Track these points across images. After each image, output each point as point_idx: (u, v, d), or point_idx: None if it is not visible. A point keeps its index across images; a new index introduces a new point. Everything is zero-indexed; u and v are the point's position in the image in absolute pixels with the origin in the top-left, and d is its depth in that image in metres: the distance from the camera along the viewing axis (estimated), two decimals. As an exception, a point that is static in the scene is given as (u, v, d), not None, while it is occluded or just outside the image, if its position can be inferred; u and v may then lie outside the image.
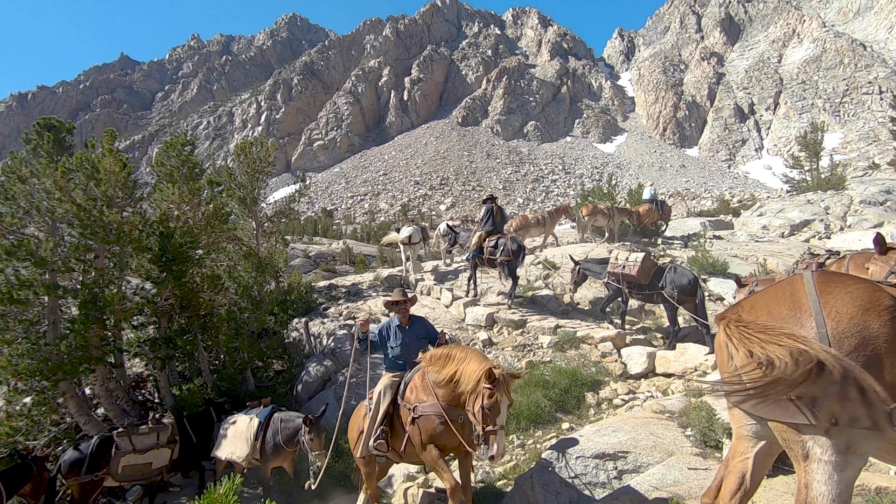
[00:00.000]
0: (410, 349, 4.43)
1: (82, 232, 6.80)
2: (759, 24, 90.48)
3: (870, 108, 62.14)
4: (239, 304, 8.34)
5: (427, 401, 3.78)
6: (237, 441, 5.78)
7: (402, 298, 4.66)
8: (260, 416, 5.89)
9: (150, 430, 6.21)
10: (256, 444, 5.63)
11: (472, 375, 3.41)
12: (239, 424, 5.94)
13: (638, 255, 7.71)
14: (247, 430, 5.78)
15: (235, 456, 5.70)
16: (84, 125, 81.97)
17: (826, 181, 19.23)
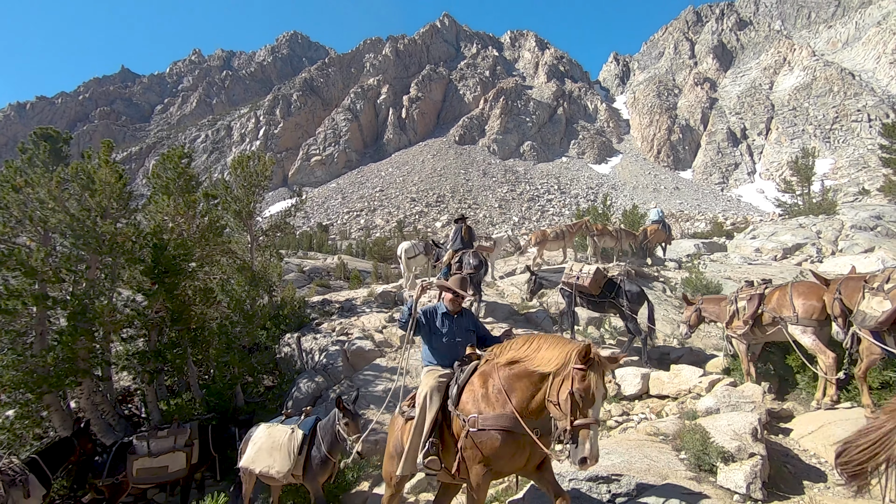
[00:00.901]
0: (458, 342, 3.83)
1: (74, 242, 6.75)
2: (750, 52, 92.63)
3: (859, 135, 63.36)
4: (231, 318, 8.25)
5: (490, 411, 3.07)
6: (276, 454, 5.18)
7: (459, 290, 3.92)
8: (303, 426, 5.30)
9: (168, 434, 6.10)
10: (300, 458, 5.05)
11: (559, 355, 2.85)
12: (277, 436, 5.32)
13: (591, 267, 8.19)
14: (288, 442, 5.17)
15: (273, 471, 5.12)
16: (82, 136, 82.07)
17: (817, 206, 19.48)
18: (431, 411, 3.40)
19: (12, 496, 5.42)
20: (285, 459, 5.07)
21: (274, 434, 5.36)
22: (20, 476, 5.51)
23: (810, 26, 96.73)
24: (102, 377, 7.84)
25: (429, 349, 3.91)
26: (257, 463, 5.28)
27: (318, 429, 5.17)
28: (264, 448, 5.32)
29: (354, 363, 8.85)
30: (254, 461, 5.31)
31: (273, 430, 5.42)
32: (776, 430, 5.00)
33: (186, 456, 6.12)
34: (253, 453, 5.37)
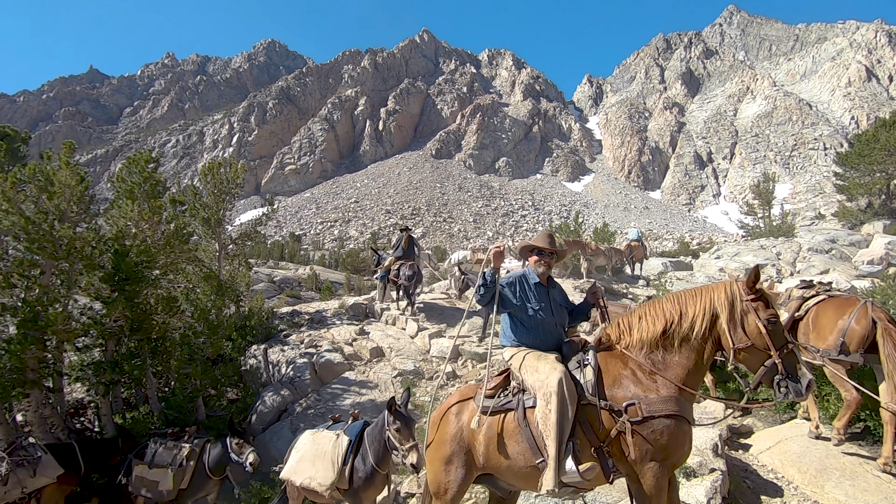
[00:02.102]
0: (555, 319, 3.23)
1: (28, 246, 6.44)
2: (716, 80, 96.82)
3: (816, 162, 66.72)
4: (195, 328, 7.98)
5: (651, 395, 2.60)
6: (318, 464, 4.48)
7: (548, 247, 3.30)
8: (349, 432, 4.63)
9: (173, 447, 5.52)
10: (345, 469, 4.34)
11: (709, 301, 2.57)
12: (321, 443, 4.66)
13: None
14: (333, 450, 4.48)
15: (315, 483, 4.41)
16: (44, 136, 78.98)
17: (777, 228, 20.32)
18: (571, 404, 2.70)
19: (18, 475, 5.30)
20: (328, 470, 4.38)
21: (318, 441, 4.72)
22: (31, 457, 5.40)
23: (771, 58, 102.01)
24: (53, 388, 7.44)
25: (516, 327, 3.27)
26: (298, 474, 4.62)
27: (366, 436, 4.49)
28: (307, 457, 4.66)
29: (322, 376, 8.68)
30: (295, 471, 4.68)
31: (317, 437, 4.79)
32: (736, 445, 5.12)
33: (175, 479, 5.36)
34: (295, 462, 4.73)
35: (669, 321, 2.69)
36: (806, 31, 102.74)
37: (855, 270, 13.96)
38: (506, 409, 2.98)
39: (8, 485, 5.29)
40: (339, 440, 4.53)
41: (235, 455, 5.20)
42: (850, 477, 3.95)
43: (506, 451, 2.90)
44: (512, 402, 2.97)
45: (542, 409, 2.73)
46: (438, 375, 8.35)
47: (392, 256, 10.99)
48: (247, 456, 5.16)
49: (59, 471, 5.49)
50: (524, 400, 2.91)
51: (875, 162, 18.53)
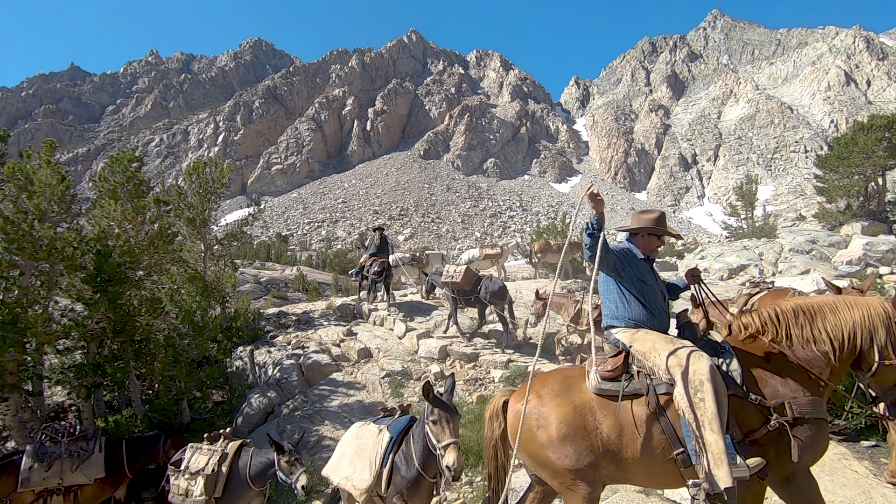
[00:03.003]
0: (665, 298, 3.10)
1: (7, 247, 6.30)
2: (700, 83, 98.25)
3: (797, 164, 68.04)
4: (179, 330, 7.88)
5: (799, 396, 2.52)
6: (358, 462, 3.77)
7: (660, 228, 3.10)
8: (393, 427, 3.86)
9: (208, 452, 4.84)
10: (382, 471, 3.61)
11: (866, 311, 2.51)
12: (364, 438, 3.95)
13: (461, 267, 9.67)
14: (372, 448, 3.77)
15: (351, 485, 3.69)
16: (23, 134, 77.30)
17: (760, 229, 20.68)
18: (722, 394, 2.50)
19: (62, 464, 5.20)
20: (365, 471, 3.65)
21: (361, 435, 4.00)
22: (82, 451, 5.28)
23: (754, 62, 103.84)
24: (33, 392, 7.28)
25: (628, 303, 2.96)
26: (337, 472, 3.89)
27: (411, 433, 3.71)
28: (347, 453, 3.93)
29: (310, 378, 8.63)
30: (334, 469, 3.94)
31: (362, 431, 4.06)
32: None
33: (205, 484, 4.72)
34: (336, 458, 4.03)
35: (838, 329, 2.60)
36: (787, 36, 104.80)
37: (834, 270, 14.27)
38: (635, 394, 2.69)
39: (50, 471, 5.20)
40: (381, 436, 3.80)
41: (284, 475, 4.51)
42: (828, 472, 4.05)
43: (636, 441, 2.62)
44: (640, 388, 2.70)
45: (686, 397, 2.48)
46: (426, 375, 8.35)
47: (366, 254, 11.83)
48: (297, 477, 4.41)
49: (100, 474, 5.30)
50: (654, 386, 2.66)
51: (853, 165, 18.96)
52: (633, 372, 2.77)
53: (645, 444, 2.59)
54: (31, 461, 5.23)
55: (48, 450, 5.29)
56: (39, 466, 5.19)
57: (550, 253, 14.92)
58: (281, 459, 4.54)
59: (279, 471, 4.54)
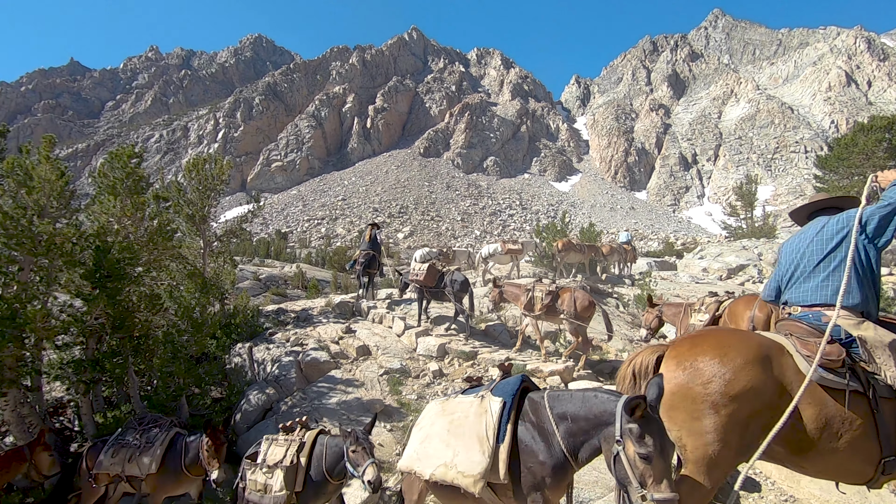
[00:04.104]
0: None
1: (6, 242, 6.29)
2: (701, 83, 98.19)
3: (797, 165, 68.05)
4: (178, 326, 7.88)
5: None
6: (459, 442, 2.83)
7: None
8: (500, 390, 2.95)
9: (285, 443, 4.43)
10: (500, 448, 2.67)
11: None
12: (458, 410, 3.04)
13: (424, 265, 10.13)
14: (477, 418, 2.84)
15: (455, 473, 2.72)
16: (22, 129, 77.18)
17: (759, 229, 20.71)
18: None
19: (125, 453, 5.10)
20: (473, 451, 2.71)
21: (452, 409, 3.09)
22: (143, 444, 5.11)
23: (755, 62, 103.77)
24: (32, 387, 7.29)
25: (864, 286, 2.64)
26: (426, 460, 2.95)
27: (548, 397, 2.78)
28: (437, 434, 3.01)
29: (308, 375, 8.63)
30: (420, 458, 3.01)
31: (449, 404, 3.19)
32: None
33: (285, 478, 4.24)
34: (418, 444, 3.10)
35: None
36: (789, 36, 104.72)
37: (833, 271, 14.27)
38: (852, 389, 2.45)
39: (115, 458, 5.18)
40: (486, 402, 2.88)
41: (351, 466, 3.98)
42: (825, 472, 4.06)
43: (840, 437, 2.41)
44: (858, 385, 2.47)
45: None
46: (425, 374, 8.37)
47: (360, 249, 12.48)
48: (365, 469, 3.81)
49: (152, 469, 5.04)
50: (876, 385, 2.45)
51: (853, 165, 18.99)
52: (852, 365, 2.51)
53: (850, 442, 2.40)
54: (111, 446, 5.31)
55: (126, 437, 5.33)
56: (111, 452, 5.25)
57: (573, 252, 15.13)
58: (349, 448, 4.01)
59: (347, 462, 4.03)
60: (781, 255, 3.02)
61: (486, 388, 3.03)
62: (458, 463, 2.73)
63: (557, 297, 8.17)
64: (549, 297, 8.16)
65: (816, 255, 2.73)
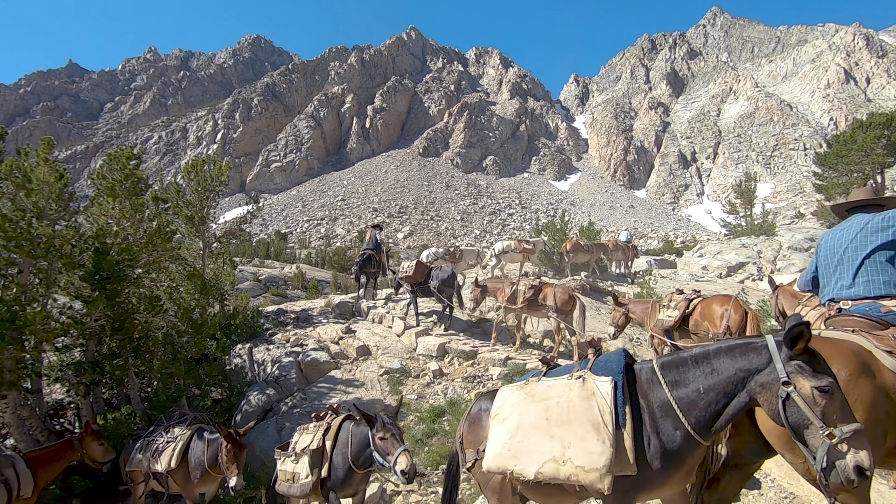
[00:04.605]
0: None
1: (5, 244, 6.30)
2: (700, 81, 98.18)
3: (796, 162, 68.07)
4: (178, 328, 7.88)
5: None
6: (566, 431, 2.38)
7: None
8: (602, 368, 2.53)
9: (316, 428, 4.28)
10: (623, 435, 2.27)
11: None
12: (553, 394, 2.56)
13: (412, 262, 10.63)
14: (584, 403, 2.40)
15: (574, 467, 2.28)
16: (21, 132, 77.15)
17: (758, 227, 20.71)
18: None
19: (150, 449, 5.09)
20: (590, 439, 2.28)
21: (543, 394, 2.60)
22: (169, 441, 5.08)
23: (753, 60, 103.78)
24: (32, 390, 7.29)
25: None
26: (526, 458, 2.44)
27: (636, 373, 2.49)
28: (531, 424, 2.51)
29: (308, 375, 8.64)
30: (516, 455, 2.48)
31: (536, 390, 2.65)
32: (717, 440, 5.21)
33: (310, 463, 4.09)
34: (506, 439, 2.56)
35: None
36: (787, 34, 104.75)
37: (832, 268, 14.27)
38: None
39: (144, 455, 5.20)
40: (591, 384, 2.45)
41: (379, 455, 3.58)
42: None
43: None
44: None
45: None
46: (425, 373, 8.37)
47: (363, 249, 12.76)
48: (397, 458, 3.46)
49: (168, 467, 4.99)
50: None
51: (852, 162, 18.99)
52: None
53: None
54: (141, 443, 5.36)
55: (154, 434, 5.36)
56: (140, 449, 5.31)
57: (581, 253, 15.22)
58: (375, 435, 3.62)
59: (375, 451, 3.64)
60: (821, 248, 3.04)
61: (578, 368, 2.64)
62: (572, 456, 2.30)
63: (539, 291, 8.47)
64: (531, 292, 8.48)
65: (861, 250, 2.72)
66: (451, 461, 3.50)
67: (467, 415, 3.17)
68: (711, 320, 5.76)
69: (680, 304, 6.19)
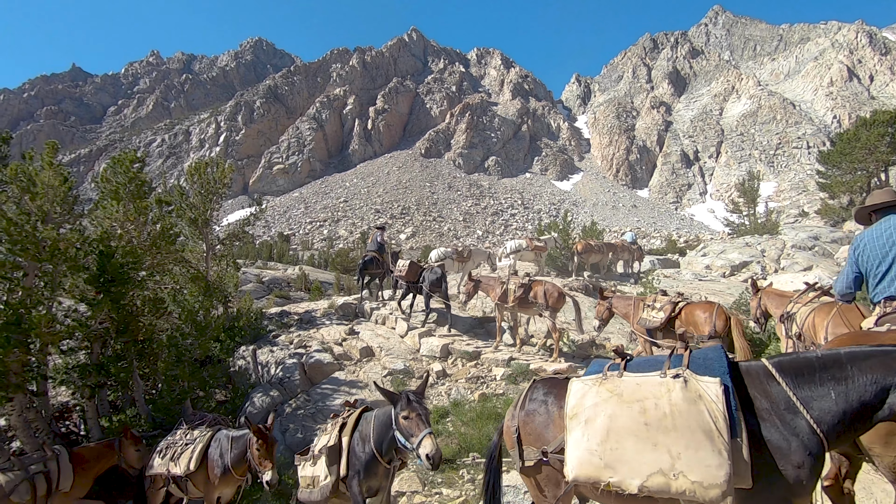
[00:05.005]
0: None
1: (11, 248, 6.33)
2: (702, 79, 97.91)
3: (799, 160, 67.79)
4: (182, 330, 7.91)
5: None
6: (673, 440, 2.09)
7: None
8: (711, 368, 2.22)
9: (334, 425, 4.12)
10: (741, 446, 2.03)
11: None
12: (648, 394, 2.24)
13: (406, 261, 11.10)
14: (690, 407, 2.11)
15: (691, 483, 1.99)
16: (25, 136, 77.53)
17: (762, 226, 20.63)
18: None
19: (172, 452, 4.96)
20: (706, 452, 1.99)
21: (634, 394, 2.27)
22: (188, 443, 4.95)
23: (756, 58, 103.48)
24: (37, 392, 7.33)
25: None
26: (625, 467, 2.14)
27: (743, 373, 2.23)
28: (624, 429, 2.19)
29: (312, 377, 8.66)
30: (611, 464, 2.17)
31: (624, 388, 2.32)
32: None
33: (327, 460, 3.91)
34: (594, 445, 2.23)
35: None
36: (789, 32, 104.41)
37: (837, 267, 14.22)
38: None
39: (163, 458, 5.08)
40: (696, 386, 2.15)
41: (402, 436, 3.28)
42: (831, 469, 4.04)
43: None
44: None
45: None
46: (428, 374, 8.39)
47: (367, 250, 13.07)
48: (421, 440, 3.14)
49: (187, 469, 4.84)
50: None
51: (856, 160, 18.91)
52: None
53: None
54: (161, 446, 5.26)
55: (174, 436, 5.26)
56: (160, 452, 5.19)
57: (593, 253, 15.33)
58: (399, 414, 3.28)
59: (397, 432, 3.30)
60: (863, 249, 3.11)
61: (671, 364, 2.33)
62: (684, 469, 2.01)
63: (530, 289, 8.61)
64: (521, 290, 8.62)
65: None
66: (492, 453, 3.11)
67: (521, 406, 2.80)
68: (696, 325, 6.10)
69: (665, 307, 6.41)
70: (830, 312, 4.40)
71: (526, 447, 2.68)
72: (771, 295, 5.77)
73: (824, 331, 4.33)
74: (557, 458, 2.48)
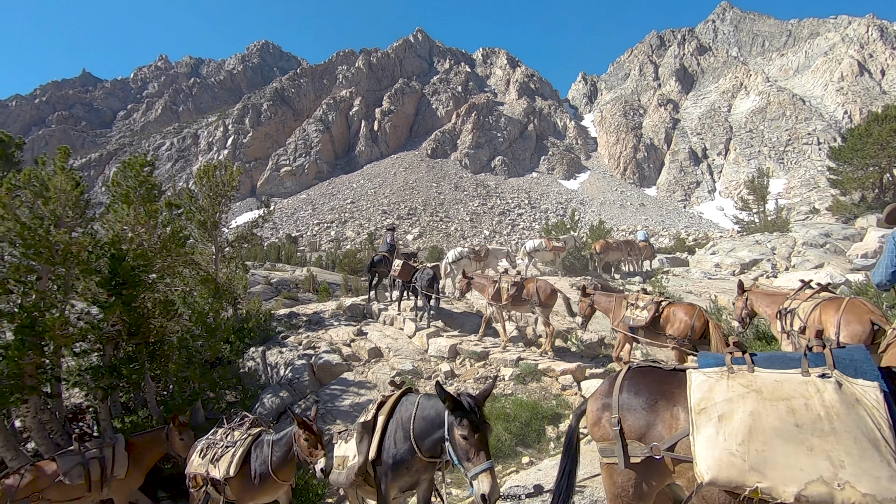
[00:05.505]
0: None
1: (25, 252, 6.42)
2: (710, 76, 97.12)
3: (810, 157, 67.03)
4: (192, 332, 7.98)
5: None
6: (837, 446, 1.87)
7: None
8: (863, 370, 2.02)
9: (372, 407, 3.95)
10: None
11: None
12: (797, 392, 2.01)
13: (399, 261, 11.37)
14: (848, 410, 1.91)
15: (854, 497, 1.76)
16: (37, 141, 78.63)
17: (772, 223, 20.42)
18: None
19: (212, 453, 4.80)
20: (874, 462, 1.81)
21: (777, 391, 2.04)
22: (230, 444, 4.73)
23: (764, 54, 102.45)
24: (52, 394, 7.43)
25: None
26: (775, 473, 1.90)
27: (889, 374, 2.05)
28: (771, 429, 1.97)
29: (321, 377, 8.70)
30: (757, 467, 1.94)
31: (763, 384, 2.09)
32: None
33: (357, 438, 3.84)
34: (734, 445, 1.99)
35: None
36: (798, 27, 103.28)
37: (849, 264, 14.05)
38: None
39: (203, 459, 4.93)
40: (852, 388, 1.97)
41: (455, 454, 2.87)
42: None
43: None
44: None
45: None
46: (436, 374, 8.38)
47: (380, 250, 13.43)
48: (479, 474, 2.78)
49: (227, 473, 4.65)
50: None
51: (868, 156, 18.64)
52: None
53: None
54: (203, 445, 5.08)
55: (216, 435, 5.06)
56: (201, 451, 5.01)
57: (612, 251, 15.40)
58: (454, 425, 2.81)
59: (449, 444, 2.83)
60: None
61: (810, 362, 2.11)
62: (850, 479, 1.81)
63: (522, 287, 8.69)
64: (514, 288, 8.72)
65: None
66: (570, 436, 2.86)
67: (618, 392, 2.48)
68: (678, 328, 6.29)
69: (650, 307, 6.56)
70: (840, 307, 4.49)
71: (630, 441, 2.39)
72: (759, 294, 5.84)
73: (835, 326, 4.41)
74: (670, 456, 2.25)
